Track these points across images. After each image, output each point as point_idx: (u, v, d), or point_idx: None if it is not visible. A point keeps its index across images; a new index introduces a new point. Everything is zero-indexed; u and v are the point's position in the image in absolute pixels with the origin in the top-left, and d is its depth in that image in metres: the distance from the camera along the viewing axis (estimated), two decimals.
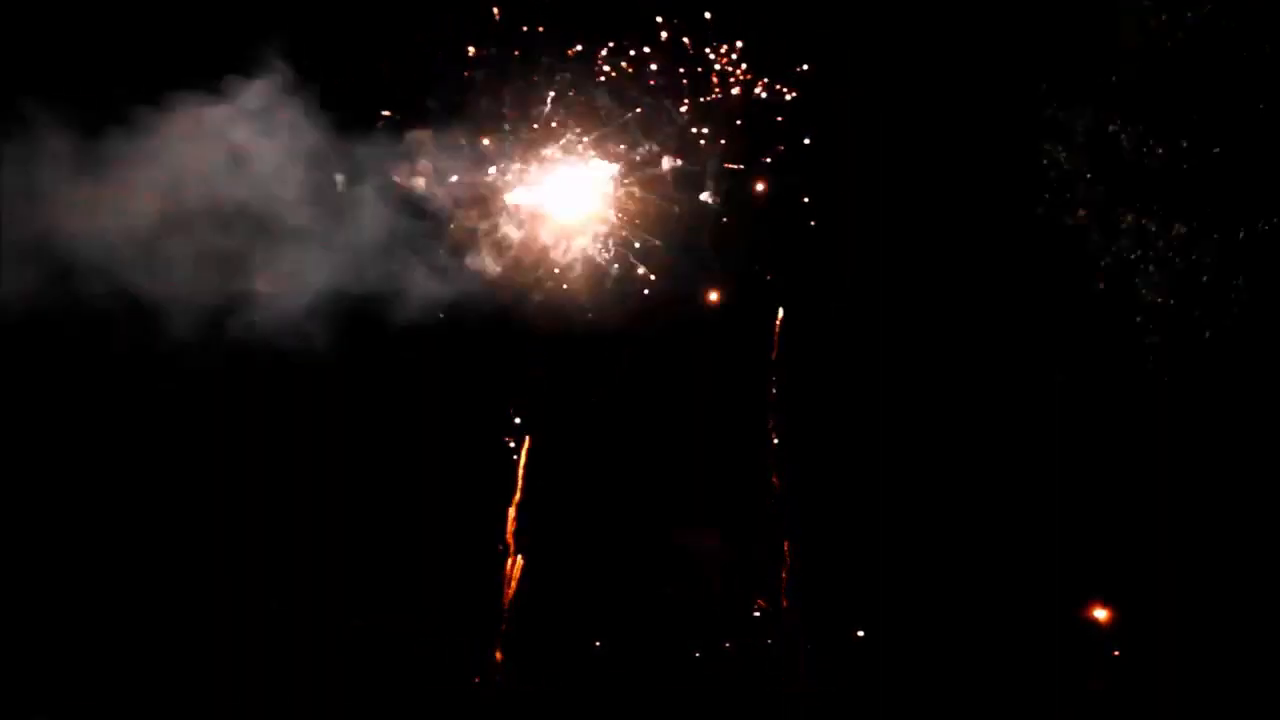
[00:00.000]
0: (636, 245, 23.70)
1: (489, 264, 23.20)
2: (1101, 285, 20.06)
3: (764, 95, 22.79)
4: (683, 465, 24.24)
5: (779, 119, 22.91)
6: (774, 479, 23.64)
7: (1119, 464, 20.87)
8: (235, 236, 20.94)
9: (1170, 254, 19.40)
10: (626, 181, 22.88)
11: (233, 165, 19.99)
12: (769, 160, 23.29)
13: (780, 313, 23.76)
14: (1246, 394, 19.34)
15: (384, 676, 21.04)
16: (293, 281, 21.32)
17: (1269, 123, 18.43)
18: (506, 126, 22.88)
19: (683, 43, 22.14)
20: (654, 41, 22.49)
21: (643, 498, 24.07)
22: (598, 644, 23.40)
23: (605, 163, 23.06)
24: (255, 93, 19.52)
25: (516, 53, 22.14)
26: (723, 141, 23.01)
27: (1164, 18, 18.57)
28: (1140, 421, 20.50)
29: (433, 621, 22.08)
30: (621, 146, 22.91)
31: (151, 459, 21.15)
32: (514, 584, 22.59)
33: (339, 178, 21.21)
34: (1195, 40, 18.60)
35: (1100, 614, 20.53)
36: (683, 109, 22.62)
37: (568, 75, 22.25)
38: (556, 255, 23.53)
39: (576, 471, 24.30)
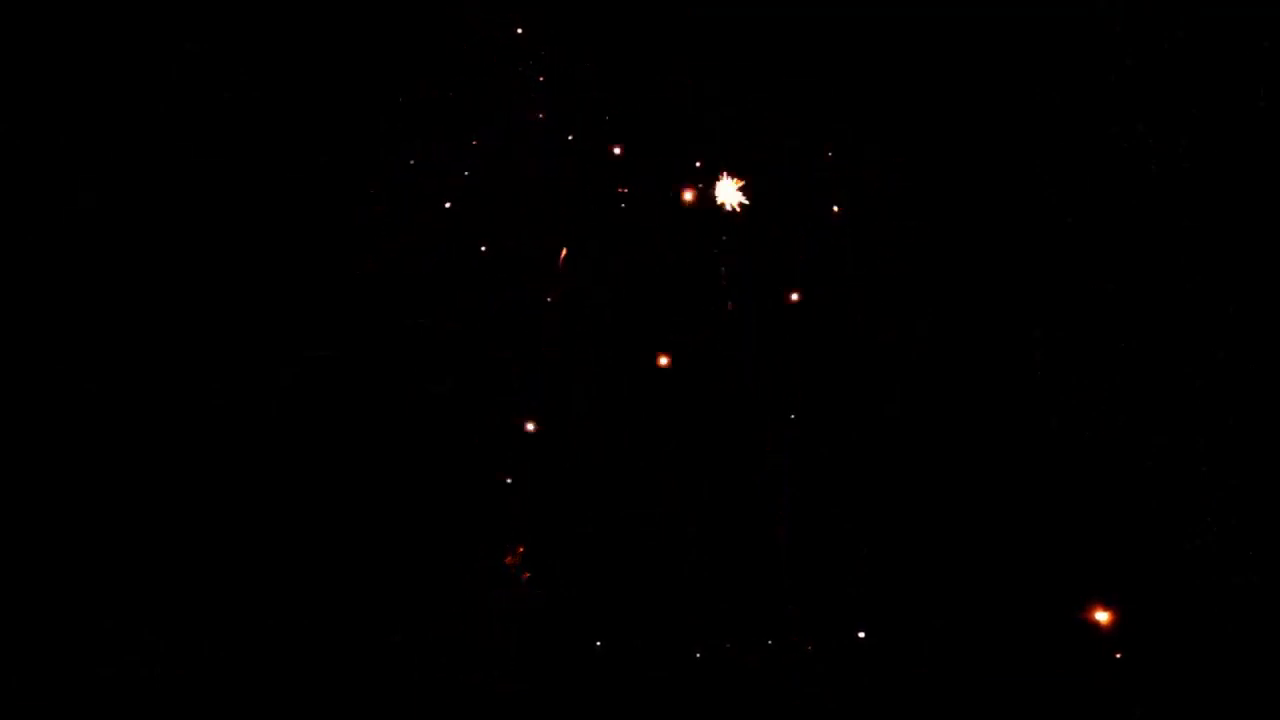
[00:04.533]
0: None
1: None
2: (1102, 285, 20.18)
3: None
4: (683, 464, 24.30)
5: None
6: (770, 475, 23.73)
7: (1118, 463, 20.95)
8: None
9: (1167, 252, 19.52)
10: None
11: None
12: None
13: (778, 310, 23.86)
14: (1245, 393, 19.43)
15: (388, 677, 21.13)
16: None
17: (1269, 122, 18.57)
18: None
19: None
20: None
21: (643, 498, 24.13)
22: (598, 643, 23.47)
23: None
24: None
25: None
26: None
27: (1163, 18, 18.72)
28: (1139, 419, 20.61)
29: (435, 624, 22.16)
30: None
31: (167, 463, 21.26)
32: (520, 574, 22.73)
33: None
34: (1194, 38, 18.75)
35: (1102, 616, 20.59)
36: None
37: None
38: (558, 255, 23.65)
39: (577, 471, 24.38)
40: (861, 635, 22.05)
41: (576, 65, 21.99)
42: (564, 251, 19.32)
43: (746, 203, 22.96)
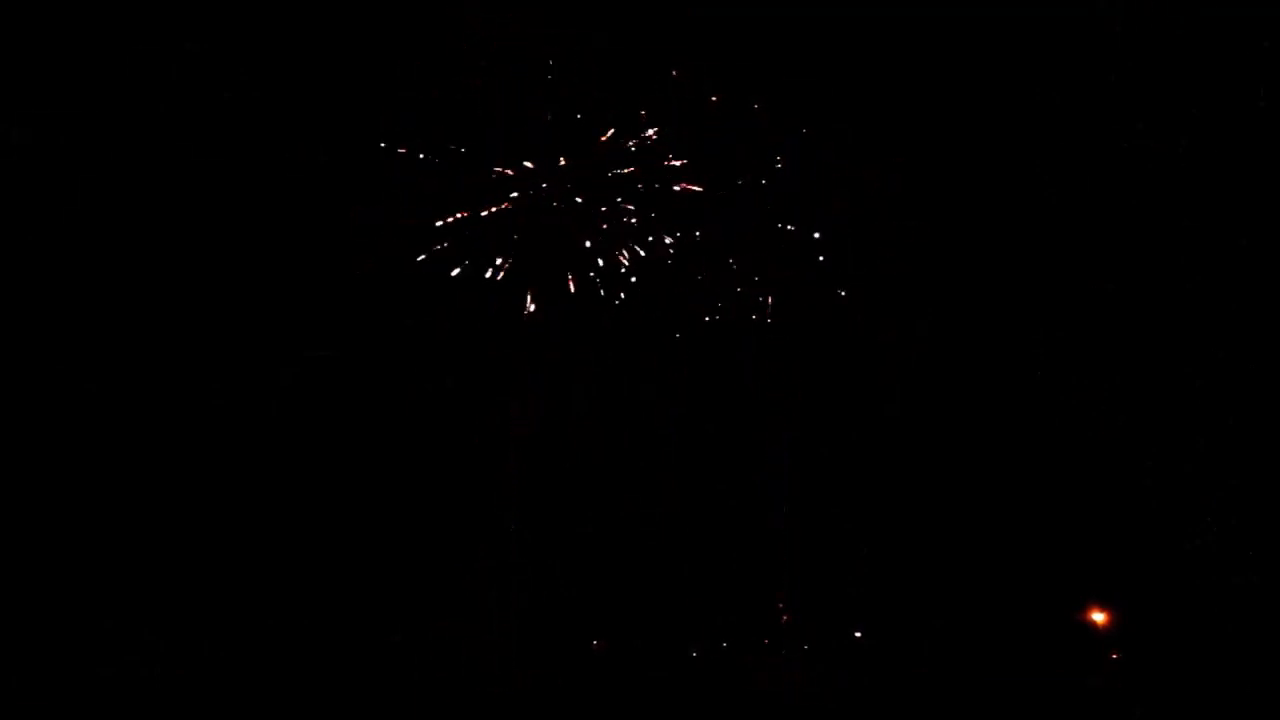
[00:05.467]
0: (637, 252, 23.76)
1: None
2: (1102, 285, 20.11)
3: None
4: (682, 467, 24.22)
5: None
6: (770, 475, 23.65)
7: (1118, 463, 20.87)
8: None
9: (1167, 252, 19.44)
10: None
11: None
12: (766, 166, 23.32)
13: (778, 316, 23.78)
14: (1245, 393, 19.35)
15: (393, 678, 21.06)
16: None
17: (1269, 122, 18.44)
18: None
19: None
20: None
21: (643, 501, 24.06)
22: (596, 643, 23.39)
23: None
24: None
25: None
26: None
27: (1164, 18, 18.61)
28: (1138, 422, 20.52)
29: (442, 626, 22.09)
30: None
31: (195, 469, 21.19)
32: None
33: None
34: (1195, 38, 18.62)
35: (1099, 616, 20.53)
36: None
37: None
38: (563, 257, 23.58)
39: (577, 471, 24.30)
40: (860, 635, 21.78)
41: (576, 65, 21.87)
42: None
43: (747, 203, 22.76)
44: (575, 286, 23.76)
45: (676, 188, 22.93)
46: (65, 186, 19.82)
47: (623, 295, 23.51)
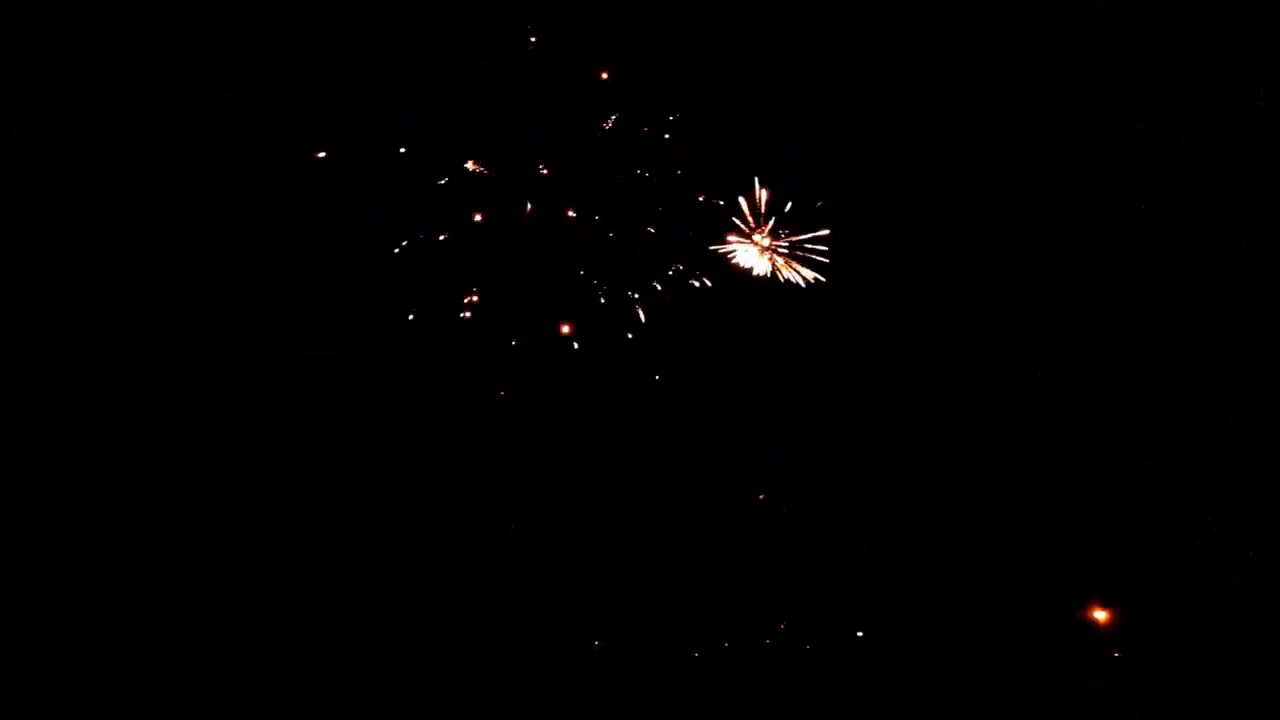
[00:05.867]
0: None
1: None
2: (1102, 285, 20.13)
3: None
4: (682, 467, 24.25)
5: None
6: (771, 479, 23.69)
7: (1118, 463, 20.89)
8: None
9: (1167, 252, 19.47)
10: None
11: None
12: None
13: (777, 317, 23.81)
14: (1245, 393, 19.37)
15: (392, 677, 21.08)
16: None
17: (1269, 123, 18.46)
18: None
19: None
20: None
21: (643, 501, 24.09)
22: (596, 643, 23.43)
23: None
24: None
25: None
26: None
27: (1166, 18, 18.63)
28: (1137, 421, 20.54)
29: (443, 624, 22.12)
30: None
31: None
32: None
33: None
34: (1195, 39, 18.64)
35: (1099, 616, 20.55)
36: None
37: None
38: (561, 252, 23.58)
39: (576, 471, 24.34)
40: (860, 635, 21.81)
41: (576, 65, 21.88)
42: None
43: (747, 204, 22.78)
44: (576, 290, 23.79)
45: (700, 199, 22.95)
46: (65, 186, 19.83)
47: (625, 309, 23.52)
